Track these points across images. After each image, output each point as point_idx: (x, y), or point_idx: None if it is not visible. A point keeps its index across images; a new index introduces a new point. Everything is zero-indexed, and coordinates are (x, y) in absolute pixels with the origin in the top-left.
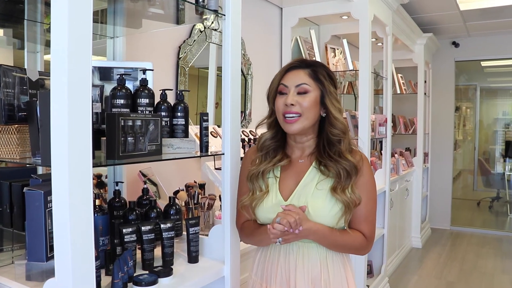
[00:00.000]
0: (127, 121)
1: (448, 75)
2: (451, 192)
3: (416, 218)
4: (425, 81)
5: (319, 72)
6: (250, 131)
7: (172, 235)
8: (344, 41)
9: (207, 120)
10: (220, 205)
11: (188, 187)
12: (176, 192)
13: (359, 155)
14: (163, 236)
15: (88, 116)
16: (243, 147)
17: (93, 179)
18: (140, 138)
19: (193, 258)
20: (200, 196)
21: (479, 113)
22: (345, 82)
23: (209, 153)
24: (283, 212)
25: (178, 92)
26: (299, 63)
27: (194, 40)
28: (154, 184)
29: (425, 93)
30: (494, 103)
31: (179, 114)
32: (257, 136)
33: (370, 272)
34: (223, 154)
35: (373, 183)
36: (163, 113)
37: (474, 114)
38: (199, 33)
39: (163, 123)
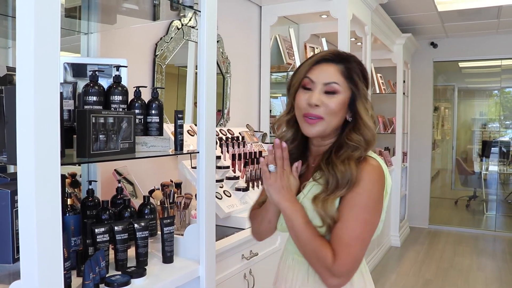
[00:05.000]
0: (98, 119)
1: (427, 75)
2: (430, 191)
3: (395, 217)
4: (404, 81)
5: (353, 69)
6: (228, 130)
7: (146, 235)
8: (323, 39)
9: (182, 118)
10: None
11: (163, 186)
12: (151, 191)
13: (371, 165)
14: (137, 236)
15: (56, 113)
16: (221, 146)
17: (68, 178)
18: (113, 136)
19: (167, 258)
20: (176, 195)
21: (457, 113)
22: None
23: (184, 152)
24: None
25: (153, 89)
26: (333, 56)
27: (172, 38)
28: (131, 183)
29: (404, 93)
30: (472, 104)
31: (153, 111)
32: (235, 135)
33: None
34: (198, 152)
35: (366, 200)
36: (137, 111)
37: (452, 114)
38: (176, 31)
39: (137, 120)
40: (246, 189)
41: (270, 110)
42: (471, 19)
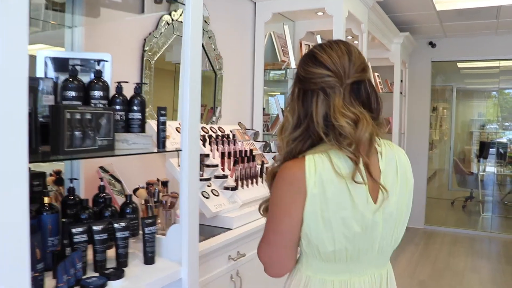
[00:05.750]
0: (74, 114)
1: (425, 75)
2: (426, 192)
3: None
4: (402, 81)
5: None
6: (219, 128)
7: (127, 235)
8: (318, 37)
9: (164, 115)
10: None
11: (149, 184)
12: (135, 190)
13: (280, 170)
14: (117, 236)
15: (23, 109)
16: (210, 143)
17: (52, 175)
18: (90, 132)
19: (149, 259)
20: (161, 194)
21: (455, 113)
22: None
23: (167, 149)
24: None
25: (135, 85)
26: None
27: (161, 33)
28: (118, 181)
29: (401, 93)
30: (470, 104)
31: (135, 108)
32: (225, 133)
33: None
34: (181, 150)
35: (271, 201)
36: (118, 107)
37: (451, 115)
38: (166, 26)
39: (118, 117)
40: (234, 188)
41: (264, 108)
42: (470, 18)
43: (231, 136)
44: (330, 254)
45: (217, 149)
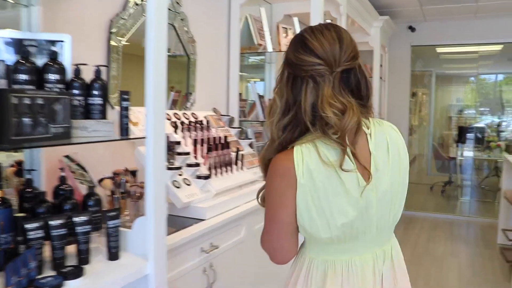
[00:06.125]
0: (22, 99)
1: (405, 60)
2: None
3: None
4: (381, 65)
5: None
6: (192, 114)
7: (88, 229)
8: (295, 19)
9: (127, 99)
10: None
11: (115, 174)
12: (100, 180)
13: (272, 162)
14: (77, 231)
15: None
16: (182, 130)
17: (13, 166)
18: (42, 119)
19: (112, 255)
20: (129, 184)
21: (434, 99)
22: None
23: (130, 137)
24: None
25: (95, 67)
26: None
27: (130, 14)
28: (87, 171)
29: (380, 77)
30: (449, 90)
31: (95, 92)
32: (199, 119)
33: None
34: (145, 138)
35: (266, 191)
36: (76, 91)
37: (430, 100)
38: (135, 6)
39: (76, 102)
40: (207, 177)
41: (240, 94)
42: (449, 2)
43: (205, 122)
44: (327, 240)
45: (190, 136)
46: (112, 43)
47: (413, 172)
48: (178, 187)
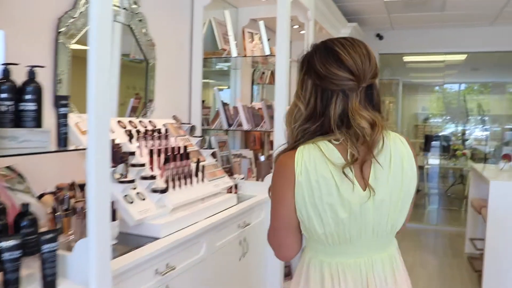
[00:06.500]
0: None
1: None
2: None
3: None
4: None
5: None
6: (150, 121)
7: (18, 255)
8: (261, 23)
9: (65, 105)
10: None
11: (58, 189)
12: (41, 196)
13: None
14: (3, 259)
15: None
16: (138, 139)
17: None
18: None
19: (48, 284)
20: (73, 200)
21: (401, 107)
22: (268, 72)
23: (69, 148)
24: None
25: (29, 68)
26: None
27: (81, 12)
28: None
29: None
30: (415, 98)
31: (28, 97)
32: (157, 128)
33: (288, 275)
34: (85, 149)
35: (271, 185)
36: (3, 95)
37: (397, 109)
38: (86, 4)
39: (4, 108)
40: (164, 191)
41: (204, 101)
42: (416, 10)
43: (163, 131)
44: (322, 236)
45: (146, 146)
46: (60, 44)
47: None
48: (130, 202)
